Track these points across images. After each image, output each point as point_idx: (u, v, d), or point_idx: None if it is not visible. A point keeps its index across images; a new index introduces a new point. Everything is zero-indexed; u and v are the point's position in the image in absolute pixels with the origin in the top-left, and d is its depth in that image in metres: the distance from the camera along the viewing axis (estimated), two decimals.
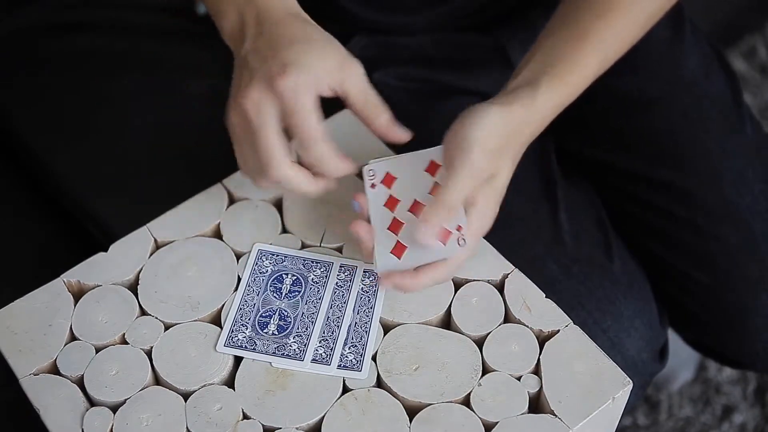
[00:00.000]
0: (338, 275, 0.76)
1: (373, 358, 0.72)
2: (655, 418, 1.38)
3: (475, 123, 0.71)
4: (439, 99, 0.95)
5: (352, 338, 0.73)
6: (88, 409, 0.70)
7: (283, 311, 0.74)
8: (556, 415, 0.69)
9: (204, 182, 0.82)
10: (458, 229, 0.71)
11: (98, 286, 0.76)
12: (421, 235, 0.70)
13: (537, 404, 0.72)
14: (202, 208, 0.80)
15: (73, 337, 0.73)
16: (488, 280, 0.76)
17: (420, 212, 0.72)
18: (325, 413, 0.69)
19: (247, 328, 0.73)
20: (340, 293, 0.75)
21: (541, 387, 0.70)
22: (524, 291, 0.75)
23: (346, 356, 0.72)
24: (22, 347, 0.73)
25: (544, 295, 0.75)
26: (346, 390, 0.71)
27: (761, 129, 1.02)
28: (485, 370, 0.72)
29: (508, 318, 0.74)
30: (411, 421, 0.69)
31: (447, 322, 0.75)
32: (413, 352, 0.72)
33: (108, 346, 0.73)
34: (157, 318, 0.74)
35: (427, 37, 0.98)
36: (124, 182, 1.00)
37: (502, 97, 0.74)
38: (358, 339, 0.73)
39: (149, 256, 0.77)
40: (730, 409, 1.38)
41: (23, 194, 1.05)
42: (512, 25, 0.98)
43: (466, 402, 0.70)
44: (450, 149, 0.71)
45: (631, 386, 0.71)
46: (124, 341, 0.73)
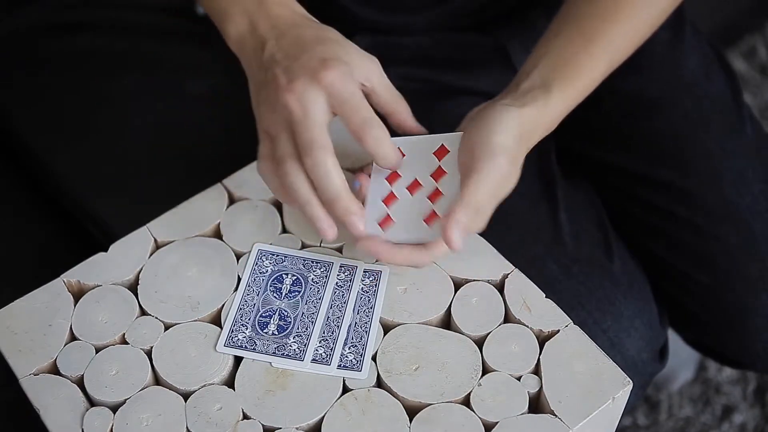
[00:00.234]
0: (338, 275, 0.76)
1: (373, 358, 0.72)
2: (655, 418, 1.38)
3: (500, 127, 0.71)
4: (439, 99, 0.95)
5: (352, 338, 0.73)
6: (88, 409, 0.70)
7: (283, 311, 0.74)
8: (556, 415, 0.69)
9: (204, 182, 0.82)
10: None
11: (98, 286, 0.76)
12: (449, 235, 0.69)
13: (537, 404, 0.72)
14: (202, 208, 0.80)
15: (73, 337, 0.73)
16: (488, 280, 0.76)
17: (416, 191, 0.74)
18: (325, 413, 0.69)
19: (247, 328, 0.73)
20: (340, 293, 0.75)
21: (541, 387, 0.70)
22: (524, 291, 0.75)
23: (346, 356, 0.72)
24: (22, 347, 0.73)
25: (544, 295, 0.75)
26: (346, 390, 0.71)
27: (761, 129, 1.02)
28: (485, 370, 0.72)
29: (508, 318, 0.74)
30: (411, 421, 0.69)
31: (447, 322, 0.75)
32: (413, 352, 0.72)
33: (108, 346, 0.73)
34: (157, 318, 0.74)
35: (427, 37, 0.98)
36: (124, 182, 1.00)
37: (517, 99, 0.74)
38: (358, 339, 0.73)
39: (149, 256, 0.77)
40: (730, 409, 1.38)
41: (23, 194, 1.06)
42: (512, 25, 0.98)
43: (466, 402, 0.70)
44: (474, 150, 0.71)
45: (631, 386, 0.71)
46: (124, 341, 0.73)
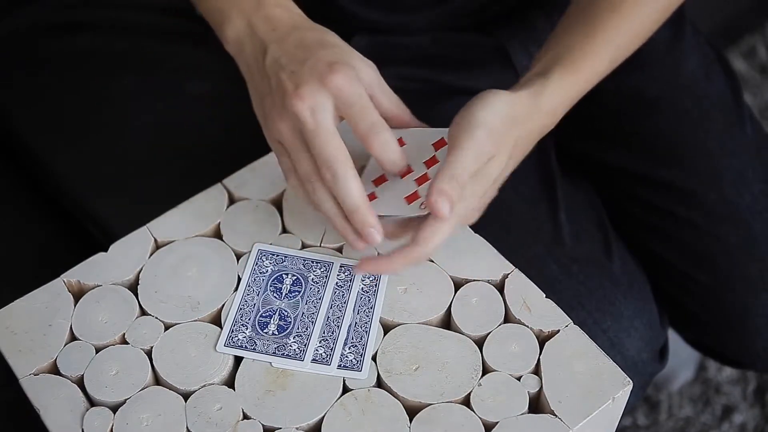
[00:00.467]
0: (338, 275, 0.76)
1: (373, 358, 0.72)
2: (655, 418, 1.38)
3: (482, 104, 0.71)
4: (439, 99, 0.95)
5: (352, 338, 0.73)
6: (88, 409, 0.70)
7: (283, 311, 0.74)
8: (556, 415, 0.69)
9: (204, 182, 0.82)
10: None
11: (98, 286, 0.76)
12: (437, 205, 0.68)
13: (537, 404, 0.72)
14: (202, 208, 0.80)
15: (73, 337, 0.73)
16: (488, 280, 0.76)
17: (406, 175, 0.74)
18: (325, 413, 0.69)
19: (247, 328, 0.73)
20: (340, 293, 0.75)
21: (541, 387, 0.70)
22: (524, 291, 0.75)
23: (346, 356, 0.72)
24: (22, 347, 0.73)
25: (544, 295, 0.75)
26: (346, 390, 0.71)
27: (761, 129, 1.02)
28: (485, 370, 0.72)
29: (508, 318, 0.74)
30: (411, 421, 0.69)
31: (447, 322, 0.75)
32: (413, 352, 0.72)
33: (108, 346, 0.73)
34: (157, 318, 0.74)
35: (427, 37, 0.98)
36: (124, 182, 1.00)
37: (515, 87, 0.74)
38: (358, 339, 0.73)
39: (149, 256, 0.77)
40: (730, 409, 1.38)
41: (23, 194, 1.06)
42: (512, 25, 0.98)
43: (466, 402, 0.70)
44: (455, 128, 0.71)
45: (631, 386, 0.71)
46: (124, 341, 0.73)
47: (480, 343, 0.73)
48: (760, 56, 1.77)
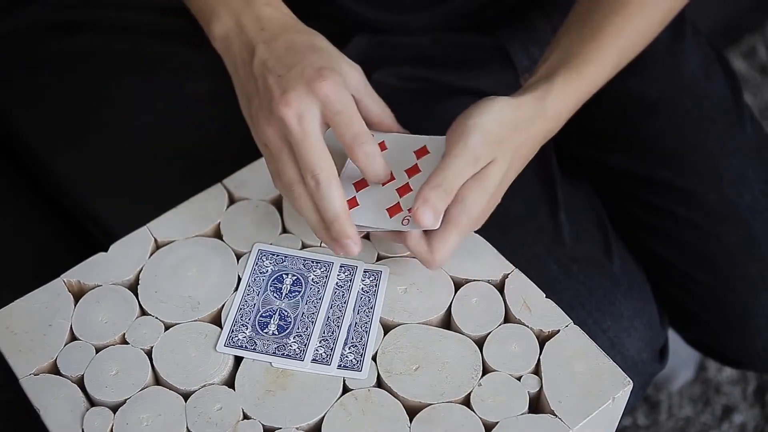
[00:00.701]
0: (338, 275, 0.76)
1: (373, 358, 0.72)
2: (655, 418, 1.38)
3: (477, 110, 0.71)
4: (439, 99, 0.95)
5: (352, 338, 0.73)
6: (88, 409, 0.70)
7: (283, 311, 0.74)
8: (556, 415, 0.69)
9: (204, 182, 0.82)
10: (410, 210, 0.71)
11: (98, 286, 0.76)
12: (419, 214, 0.69)
13: (537, 404, 0.72)
14: (202, 208, 0.80)
15: (73, 337, 0.73)
16: (488, 280, 0.76)
17: (387, 182, 0.74)
18: (325, 413, 0.69)
19: (247, 328, 0.73)
20: (340, 293, 0.75)
21: (541, 387, 0.70)
22: (524, 291, 0.75)
23: (346, 356, 0.72)
24: (22, 347, 0.73)
25: (544, 295, 0.75)
26: (346, 390, 0.71)
27: (761, 129, 1.02)
28: (485, 370, 0.72)
29: (508, 318, 0.74)
30: (411, 421, 0.69)
31: (447, 322, 0.75)
32: (413, 352, 0.72)
33: (108, 346, 0.73)
34: (157, 318, 0.74)
35: (427, 37, 0.98)
36: (124, 182, 1.00)
37: (518, 92, 0.74)
38: (358, 339, 0.73)
39: (149, 256, 0.77)
40: (730, 409, 1.38)
41: (23, 194, 1.06)
42: (512, 25, 0.98)
43: (466, 402, 0.70)
44: (450, 135, 0.71)
45: (631, 386, 0.71)
46: (124, 341, 0.73)
47: (480, 343, 0.73)
48: (760, 56, 1.77)
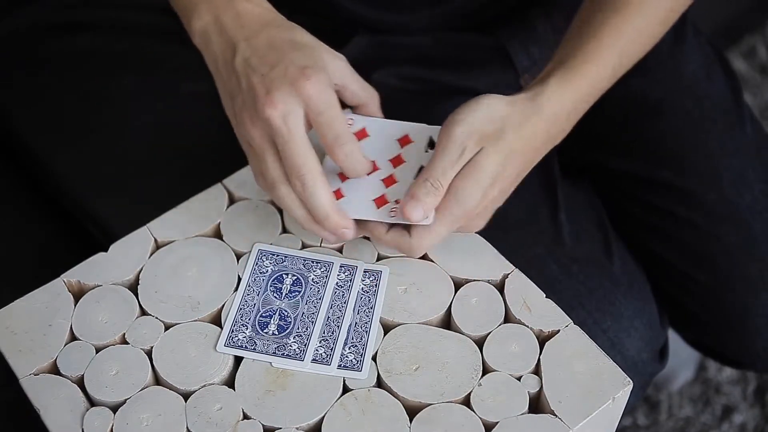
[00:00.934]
0: (338, 275, 0.76)
1: (373, 358, 0.72)
2: (655, 418, 1.38)
3: (467, 107, 0.71)
4: (439, 99, 0.95)
5: (352, 338, 0.73)
6: (88, 409, 0.70)
7: (283, 311, 0.74)
8: (556, 415, 0.69)
9: (204, 182, 0.82)
10: (396, 201, 0.72)
11: (98, 286, 0.76)
12: (407, 210, 0.70)
13: (537, 404, 0.72)
14: (202, 208, 0.80)
15: (73, 337, 0.73)
16: (488, 280, 0.76)
17: (372, 172, 0.74)
18: (325, 413, 0.69)
19: (247, 328, 0.73)
20: (340, 293, 0.75)
21: (541, 387, 0.70)
22: (524, 291, 0.75)
23: (346, 356, 0.72)
24: (22, 347, 0.73)
25: (544, 295, 0.75)
26: (346, 390, 0.71)
27: (761, 129, 1.02)
28: (485, 370, 0.72)
29: (508, 318, 0.74)
30: (411, 421, 0.69)
31: (447, 322, 0.75)
32: (413, 352, 0.72)
33: (108, 346, 0.73)
34: (157, 318, 0.74)
35: (427, 37, 0.98)
36: (124, 182, 1.00)
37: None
38: (358, 339, 0.73)
39: (149, 256, 0.77)
40: (730, 409, 1.38)
41: (23, 194, 1.06)
42: (512, 25, 0.98)
43: (466, 402, 0.70)
44: (440, 132, 0.72)
45: (631, 386, 0.71)
46: (124, 341, 0.73)
47: (480, 343, 0.73)
48: (760, 56, 1.77)
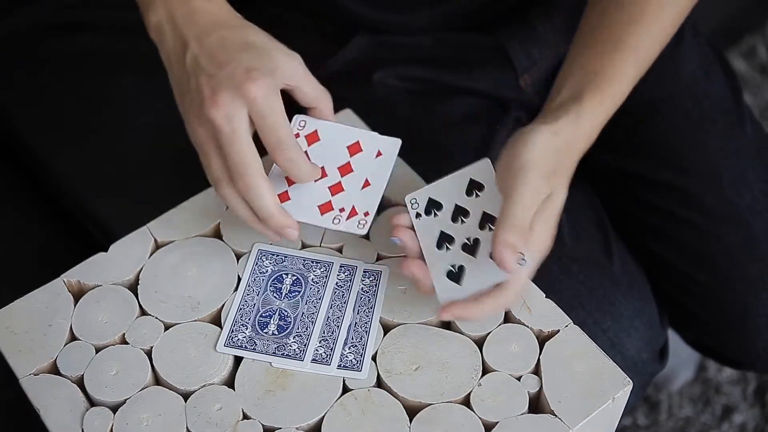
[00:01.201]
0: (338, 275, 0.76)
1: (373, 358, 0.72)
2: (655, 418, 1.38)
3: (527, 145, 0.70)
4: (439, 99, 0.95)
5: (352, 338, 0.73)
6: (88, 409, 0.70)
7: (283, 311, 0.74)
8: (556, 415, 0.69)
9: (204, 182, 0.81)
10: (341, 210, 0.73)
11: (98, 286, 0.76)
12: (502, 259, 0.67)
13: (537, 404, 0.72)
14: (202, 208, 0.80)
15: (73, 337, 0.73)
16: None
17: (319, 179, 0.74)
18: (325, 413, 0.69)
19: (247, 328, 0.73)
20: (340, 293, 0.75)
21: (541, 387, 0.70)
22: (524, 291, 0.75)
23: (346, 356, 0.72)
24: (22, 347, 0.73)
25: (544, 295, 0.75)
26: (346, 390, 0.71)
27: (761, 129, 1.02)
28: (485, 370, 0.72)
29: (508, 318, 0.74)
30: (411, 421, 0.69)
31: (447, 322, 0.75)
32: (413, 352, 0.72)
33: (108, 346, 0.73)
34: (157, 318, 0.74)
35: (427, 37, 0.98)
36: (124, 182, 1.00)
37: (548, 116, 0.73)
38: (358, 339, 0.73)
39: (149, 256, 0.77)
40: (730, 409, 1.38)
41: (23, 194, 1.06)
42: (512, 25, 0.98)
43: (466, 402, 0.70)
44: (506, 173, 0.70)
45: (631, 386, 0.71)
46: (124, 341, 0.73)
47: (480, 343, 0.73)
48: (760, 56, 1.77)
